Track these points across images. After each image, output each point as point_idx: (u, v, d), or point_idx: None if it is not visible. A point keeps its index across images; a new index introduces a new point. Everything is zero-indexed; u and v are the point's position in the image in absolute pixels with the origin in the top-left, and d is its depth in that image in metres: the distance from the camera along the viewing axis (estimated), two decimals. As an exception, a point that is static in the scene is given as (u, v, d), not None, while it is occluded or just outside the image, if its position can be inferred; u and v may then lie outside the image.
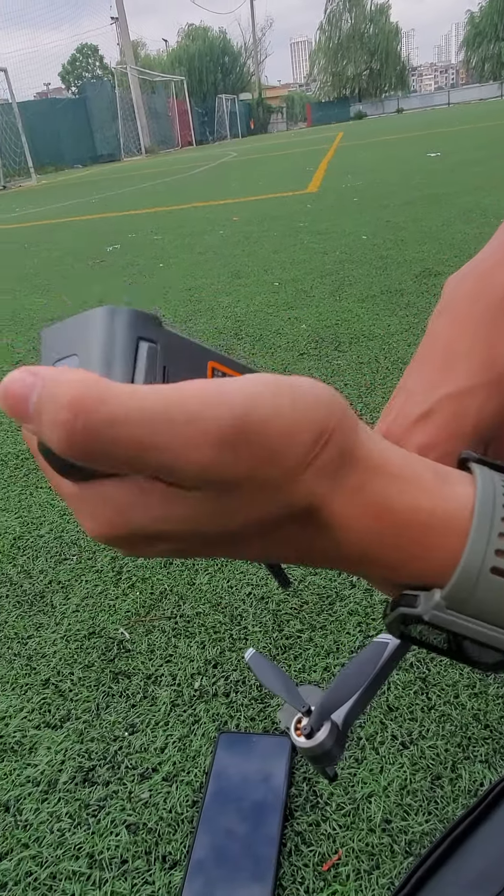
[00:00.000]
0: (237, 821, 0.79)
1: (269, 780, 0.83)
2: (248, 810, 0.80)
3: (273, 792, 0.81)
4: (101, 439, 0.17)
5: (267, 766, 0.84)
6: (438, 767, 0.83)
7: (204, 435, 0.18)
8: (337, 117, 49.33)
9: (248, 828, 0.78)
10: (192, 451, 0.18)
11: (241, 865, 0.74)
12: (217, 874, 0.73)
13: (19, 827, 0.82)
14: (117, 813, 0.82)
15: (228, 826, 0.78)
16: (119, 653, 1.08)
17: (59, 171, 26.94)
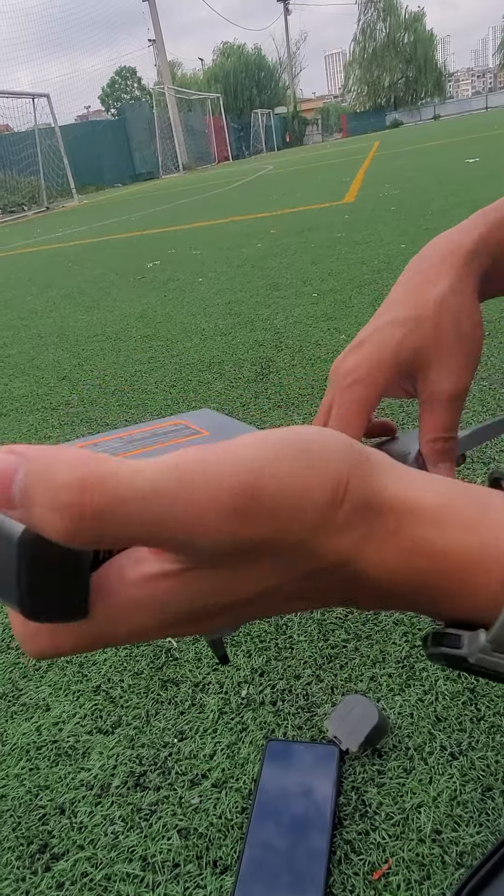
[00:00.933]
0: (286, 828, 0.79)
1: (318, 788, 0.83)
2: (297, 818, 0.80)
3: (322, 800, 0.82)
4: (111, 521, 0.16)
5: (315, 775, 0.85)
6: (489, 779, 0.82)
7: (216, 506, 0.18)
8: (373, 127, 49.29)
9: (297, 835, 0.78)
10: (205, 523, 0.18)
11: (290, 872, 0.75)
12: (267, 880, 0.74)
13: (74, 829, 0.85)
14: (168, 817, 0.84)
15: (278, 833, 0.79)
16: (167, 661, 1.10)
17: (100, 191, 27.64)
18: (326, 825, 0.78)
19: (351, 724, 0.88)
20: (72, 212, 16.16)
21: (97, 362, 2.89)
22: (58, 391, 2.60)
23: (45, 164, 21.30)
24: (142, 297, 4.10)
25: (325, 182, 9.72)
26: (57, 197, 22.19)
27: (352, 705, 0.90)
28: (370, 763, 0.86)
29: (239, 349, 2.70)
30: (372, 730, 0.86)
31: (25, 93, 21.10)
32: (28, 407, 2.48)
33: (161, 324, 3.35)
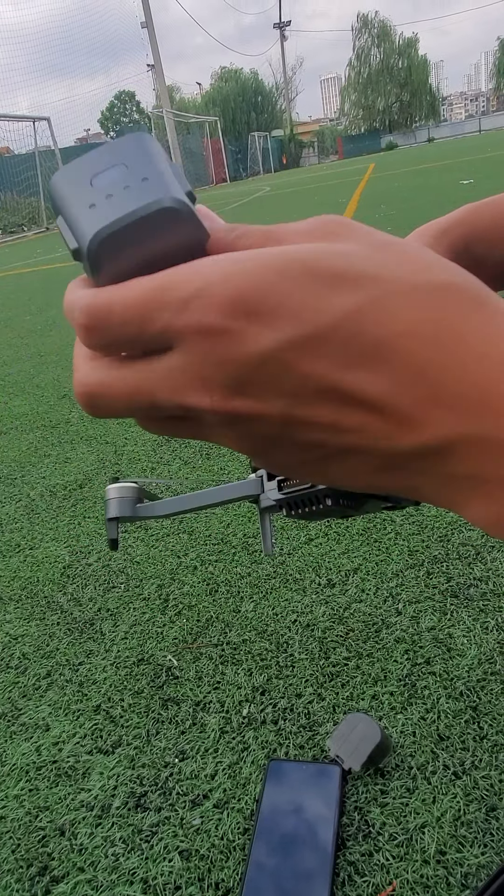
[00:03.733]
0: (289, 849, 0.79)
1: (320, 808, 0.82)
2: (300, 839, 0.79)
3: (324, 821, 0.81)
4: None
5: (318, 795, 0.84)
6: (493, 798, 0.81)
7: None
8: (368, 149, 50.02)
9: (299, 856, 0.78)
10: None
11: (293, 894, 0.74)
12: (270, 903, 0.73)
13: (75, 851, 0.84)
14: (170, 839, 0.83)
15: (280, 854, 0.78)
16: (168, 679, 1.10)
17: (99, 212, 27.85)
18: (329, 846, 0.78)
19: (353, 743, 0.87)
20: (71, 232, 16.29)
21: (97, 381, 2.90)
22: (58, 409, 2.61)
23: (45, 185, 21.50)
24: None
25: (321, 203, 9.84)
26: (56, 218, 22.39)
27: (354, 724, 0.89)
28: (373, 783, 0.85)
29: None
30: (374, 749, 0.86)
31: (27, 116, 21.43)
32: (28, 425, 2.49)
33: (160, 342, 3.37)
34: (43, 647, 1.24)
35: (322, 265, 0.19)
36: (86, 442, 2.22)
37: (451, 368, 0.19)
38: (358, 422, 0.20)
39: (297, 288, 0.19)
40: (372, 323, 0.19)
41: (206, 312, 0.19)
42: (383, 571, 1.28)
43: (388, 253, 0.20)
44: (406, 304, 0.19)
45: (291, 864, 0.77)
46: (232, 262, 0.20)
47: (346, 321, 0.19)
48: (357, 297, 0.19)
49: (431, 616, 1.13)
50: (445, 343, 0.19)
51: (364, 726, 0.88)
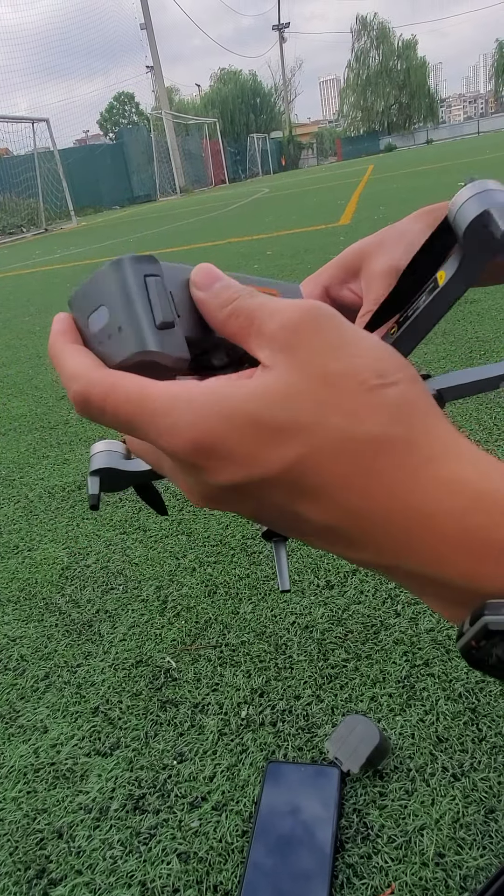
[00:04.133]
0: (287, 852, 0.78)
1: (319, 811, 0.82)
2: (299, 841, 0.79)
3: (323, 823, 0.81)
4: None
5: (316, 797, 0.84)
6: (492, 800, 0.81)
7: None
8: (367, 150, 50.08)
9: (298, 859, 0.77)
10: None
11: (292, 897, 0.74)
12: (269, 906, 0.73)
13: (73, 853, 0.84)
14: (168, 841, 0.83)
15: (279, 857, 0.78)
16: (166, 681, 1.10)
17: (98, 213, 27.94)
18: (328, 849, 0.78)
19: (352, 745, 0.87)
20: (70, 234, 16.32)
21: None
22: (56, 410, 2.61)
23: (44, 186, 21.55)
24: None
25: (320, 204, 9.85)
26: (55, 219, 22.41)
27: (352, 726, 0.89)
28: (371, 785, 0.85)
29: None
30: (373, 751, 0.85)
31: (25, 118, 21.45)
32: (26, 426, 2.48)
33: (159, 344, 3.37)
34: (41, 649, 1.23)
35: (267, 417, 0.22)
36: (84, 443, 2.21)
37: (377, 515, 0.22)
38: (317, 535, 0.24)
39: (244, 440, 0.22)
40: (309, 472, 0.22)
41: (176, 448, 0.23)
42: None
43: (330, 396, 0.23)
44: (338, 458, 0.22)
45: (290, 867, 0.77)
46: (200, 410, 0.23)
47: (288, 470, 0.22)
48: (295, 449, 0.22)
49: (430, 618, 1.13)
50: (370, 494, 0.22)
51: (363, 728, 0.88)
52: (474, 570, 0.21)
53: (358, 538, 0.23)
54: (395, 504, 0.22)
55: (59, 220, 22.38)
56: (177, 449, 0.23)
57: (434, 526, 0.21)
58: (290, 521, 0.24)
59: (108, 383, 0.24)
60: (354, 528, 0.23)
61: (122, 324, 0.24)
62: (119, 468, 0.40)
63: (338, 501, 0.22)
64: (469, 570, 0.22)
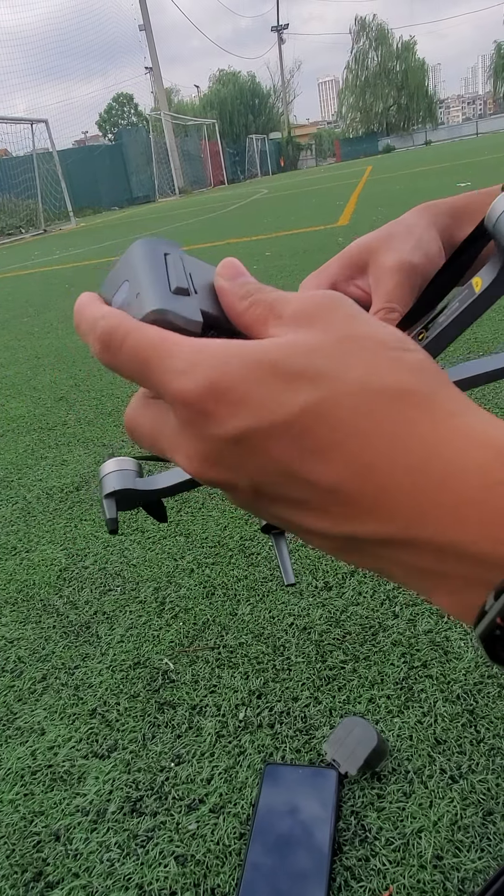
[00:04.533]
0: (285, 854, 0.78)
1: (317, 813, 0.82)
2: (296, 844, 0.79)
3: (321, 826, 0.80)
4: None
5: (314, 799, 0.84)
6: (490, 803, 0.81)
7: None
8: (365, 151, 50.12)
9: (296, 861, 0.77)
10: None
11: (290, 900, 0.73)
12: (266, 908, 0.73)
13: (70, 856, 0.83)
14: (165, 844, 0.83)
15: (276, 860, 0.78)
16: (164, 683, 1.09)
17: (97, 214, 27.94)
18: (326, 851, 0.77)
19: (350, 747, 0.87)
20: (69, 234, 16.31)
21: (94, 383, 2.90)
22: (55, 411, 2.61)
23: (43, 187, 21.55)
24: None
25: (319, 205, 9.85)
26: (54, 220, 22.41)
27: (350, 728, 0.89)
28: (369, 787, 0.85)
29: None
30: (371, 753, 0.85)
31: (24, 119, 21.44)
32: (25, 427, 2.48)
33: (157, 345, 3.37)
34: (39, 651, 1.23)
35: (286, 364, 0.22)
36: (83, 444, 2.21)
37: (393, 472, 0.20)
38: (317, 502, 0.22)
39: (262, 383, 0.22)
40: (323, 420, 0.21)
41: (188, 389, 0.22)
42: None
43: (350, 350, 0.22)
44: (354, 407, 0.21)
45: (287, 869, 0.76)
46: (219, 355, 0.23)
47: (300, 417, 0.21)
48: (311, 395, 0.21)
49: (428, 619, 1.13)
50: (387, 448, 0.20)
51: (361, 730, 0.88)
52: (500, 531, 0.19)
53: (367, 503, 0.21)
54: (411, 457, 0.20)
55: (58, 220, 22.38)
56: (189, 390, 0.22)
57: (455, 481, 0.19)
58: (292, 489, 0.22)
59: (132, 325, 0.24)
60: (365, 487, 0.21)
61: (140, 290, 0.25)
62: (134, 488, 0.38)
63: (350, 455, 0.21)
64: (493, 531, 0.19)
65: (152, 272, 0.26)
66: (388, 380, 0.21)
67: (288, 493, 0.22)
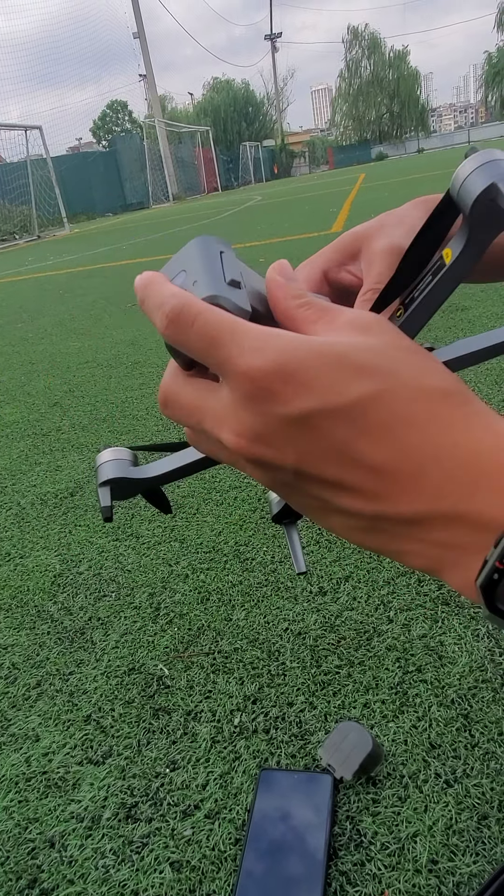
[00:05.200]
0: (280, 859, 0.78)
1: (312, 818, 0.82)
2: (292, 849, 0.79)
3: (316, 831, 0.81)
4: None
5: (309, 804, 0.84)
6: (485, 807, 0.81)
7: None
8: (358, 159, 50.40)
9: (291, 866, 0.77)
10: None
11: (286, 905, 0.73)
12: (262, 914, 0.73)
13: (64, 863, 0.83)
14: (160, 850, 0.83)
15: (272, 865, 0.78)
16: (159, 689, 1.09)
17: (91, 220, 27.96)
18: (321, 856, 0.77)
19: (345, 752, 0.87)
20: (63, 240, 16.32)
21: (88, 389, 2.90)
22: (49, 417, 2.61)
23: (37, 193, 21.54)
24: (133, 324, 4.13)
25: (312, 212, 9.90)
26: (48, 226, 22.39)
27: (345, 733, 0.89)
28: (364, 792, 0.85)
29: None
30: (366, 758, 0.85)
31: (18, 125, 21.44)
32: (19, 433, 2.48)
33: (152, 350, 3.37)
34: (33, 657, 1.23)
35: (352, 357, 0.25)
36: (77, 450, 2.21)
37: (429, 455, 0.24)
38: (357, 481, 0.25)
39: (329, 371, 0.24)
40: (381, 407, 0.24)
41: (256, 367, 0.24)
42: (375, 579, 1.28)
43: (404, 355, 0.25)
44: (408, 398, 0.24)
45: (283, 874, 0.76)
46: (290, 340, 0.25)
47: (361, 402, 0.24)
48: (373, 385, 0.24)
49: (423, 624, 1.13)
50: (429, 436, 0.24)
51: (356, 735, 0.88)
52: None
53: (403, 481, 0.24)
54: (447, 440, 0.24)
55: (52, 226, 22.37)
56: (258, 367, 0.24)
57: (474, 462, 0.23)
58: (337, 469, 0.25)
59: (204, 306, 0.26)
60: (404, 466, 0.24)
61: (197, 278, 0.27)
62: (129, 476, 0.39)
63: (398, 437, 0.24)
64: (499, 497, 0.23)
65: (209, 264, 0.28)
66: (436, 381, 0.25)
67: (331, 473, 0.25)
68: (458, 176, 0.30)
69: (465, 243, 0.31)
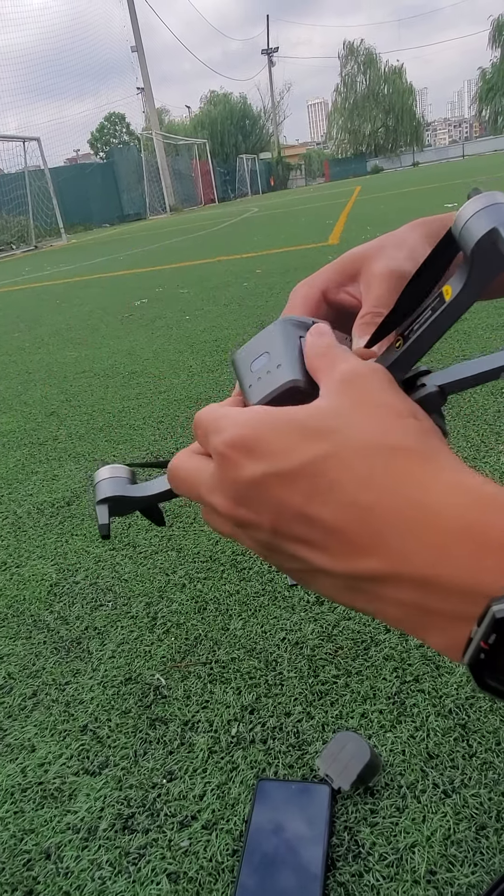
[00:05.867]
0: (278, 871, 0.78)
1: (310, 828, 0.82)
2: (290, 860, 0.79)
3: (314, 841, 0.80)
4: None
5: (307, 815, 0.84)
6: (483, 817, 0.81)
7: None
8: (354, 172, 50.83)
9: (289, 878, 0.77)
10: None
11: (283, 917, 0.73)
12: (260, 926, 0.72)
13: (60, 874, 0.82)
14: (157, 861, 0.82)
15: (270, 876, 0.77)
16: (156, 699, 1.09)
17: (88, 231, 28.07)
18: (319, 867, 0.77)
19: (342, 762, 0.87)
20: (60, 251, 16.37)
21: (85, 398, 2.90)
22: (46, 427, 2.61)
23: (35, 204, 21.63)
24: (129, 334, 4.14)
25: (309, 224, 9.97)
26: (45, 236, 22.47)
27: (343, 743, 0.89)
28: (362, 802, 0.85)
29: (226, 385, 2.73)
30: (364, 768, 0.85)
31: (16, 136, 21.57)
32: (15, 442, 2.48)
33: (149, 360, 3.38)
34: (29, 667, 1.22)
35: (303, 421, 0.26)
36: (73, 459, 2.21)
37: (387, 515, 0.24)
38: (322, 540, 0.25)
39: (279, 436, 0.26)
40: (331, 468, 0.25)
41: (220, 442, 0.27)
42: (372, 589, 1.28)
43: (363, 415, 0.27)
44: (361, 458, 0.25)
45: (280, 886, 0.76)
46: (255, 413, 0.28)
47: (311, 464, 0.25)
48: (323, 447, 0.25)
49: (420, 633, 1.13)
50: (383, 494, 0.24)
51: (353, 745, 0.88)
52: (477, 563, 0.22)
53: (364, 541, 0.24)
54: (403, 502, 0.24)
55: (49, 237, 22.44)
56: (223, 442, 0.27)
57: (438, 522, 0.23)
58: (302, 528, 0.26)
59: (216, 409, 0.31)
60: (363, 528, 0.24)
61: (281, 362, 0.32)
62: (126, 495, 0.39)
63: (351, 497, 0.24)
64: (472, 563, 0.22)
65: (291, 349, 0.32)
66: (395, 438, 0.25)
67: (299, 532, 0.26)
68: (461, 217, 0.31)
69: (465, 283, 0.31)
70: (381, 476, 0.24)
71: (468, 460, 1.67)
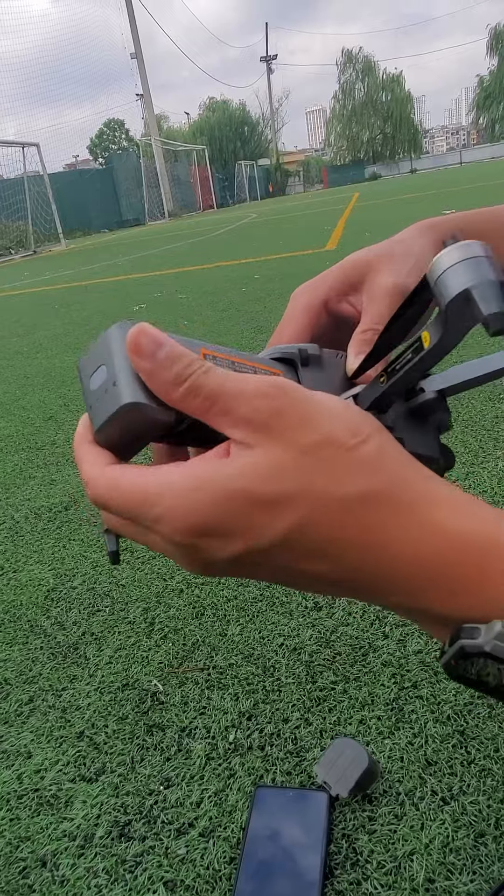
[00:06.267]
0: (276, 878, 0.77)
1: (308, 836, 0.81)
2: (287, 867, 0.78)
3: (312, 849, 0.80)
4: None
5: (305, 822, 0.83)
6: (482, 824, 0.81)
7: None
8: (352, 178, 51.02)
9: (287, 886, 0.76)
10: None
11: (281, 926, 0.72)
12: (257, 935, 0.72)
13: (56, 883, 0.82)
14: (154, 869, 0.81)
15: (267, 884, 0.77)
16: (153, 705, 1.08)
17: (87, 236, 28.13)
18: (317, 875, 0.77)
19: (341, 768, 0.87)
20: (59, 256, 16.40)
21: (83, 403, 2.89)
22: (43, 431, 2.60)
23: (34, 210, 21.66)
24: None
25: (307, 230, 10.00)
26: (44, 241, 22.50)
27: (341, 749, 0.88)
28: (360, 809, 0.85)
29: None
30: (362, 774, 0.85)
31: (15, 142, 21.63)
32: (13, 446, 2.47)
33: (147, 365, 3.37)
34: (25, 672, 1.22)
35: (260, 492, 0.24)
36: (71, 464, 2.21)
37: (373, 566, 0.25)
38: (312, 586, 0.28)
39: (242, 514, 0.24)
40: (309, 534, 0.25)
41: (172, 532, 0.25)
42: (370, 594, 1.27)
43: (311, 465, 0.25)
44: (333, 518, 0.25)
45: (277, 894, 0.75)
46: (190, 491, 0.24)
47: (288, 536, 0.25)
48: (291, 517, 0.24)
49: (418, 639, 1.13)
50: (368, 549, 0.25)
51: (351, 752, 0.88)
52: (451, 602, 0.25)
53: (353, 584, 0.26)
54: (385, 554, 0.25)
55: (48, 242, 22.47)
56: (174, 535, 0.25)
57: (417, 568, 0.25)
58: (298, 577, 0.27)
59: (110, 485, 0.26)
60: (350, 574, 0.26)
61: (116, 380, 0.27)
62: None
63: (338, 557, 0.25)
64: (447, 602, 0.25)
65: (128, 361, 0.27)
66: (350, 487, 0.25)
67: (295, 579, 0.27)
68: (436, 268, 0.29)
69: (441, 335, 0.31)
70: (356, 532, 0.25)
71: (466, 466, 1.67)
